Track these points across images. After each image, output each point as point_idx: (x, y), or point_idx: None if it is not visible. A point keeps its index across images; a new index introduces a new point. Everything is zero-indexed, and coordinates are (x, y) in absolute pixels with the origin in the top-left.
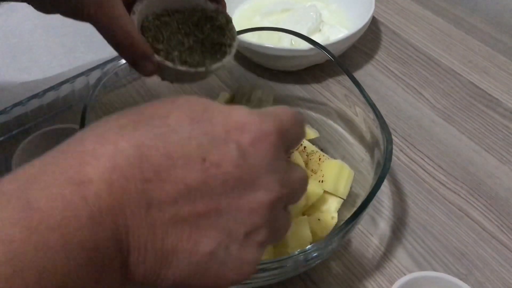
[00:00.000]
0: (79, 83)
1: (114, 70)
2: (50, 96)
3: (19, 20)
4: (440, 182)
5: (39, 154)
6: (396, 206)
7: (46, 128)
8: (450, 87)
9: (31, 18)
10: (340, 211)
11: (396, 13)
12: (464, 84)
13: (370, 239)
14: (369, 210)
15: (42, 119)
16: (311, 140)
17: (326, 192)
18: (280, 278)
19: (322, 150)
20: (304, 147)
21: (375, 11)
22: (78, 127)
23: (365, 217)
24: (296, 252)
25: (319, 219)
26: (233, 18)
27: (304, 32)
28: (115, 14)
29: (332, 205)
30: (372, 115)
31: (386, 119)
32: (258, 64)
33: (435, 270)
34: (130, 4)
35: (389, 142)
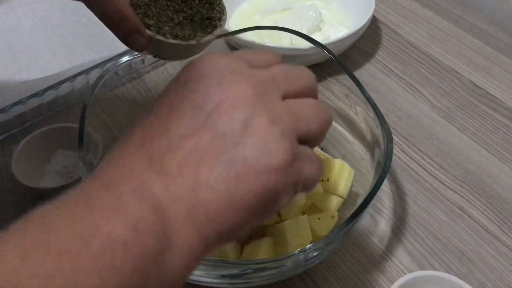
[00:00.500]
0: (79, 82)
1: (114, 69)
2: (49, 95)
3: (19, 19)
4: (441, 181)
5: (39, 153)
6: (396, 205)
7: (45, 127)
8: (450, 86)
9: (31, 17)
10: (340, 210)
11: (396, 12)
12: (465, 83)
13: (371, 238)
14: (369, 209)
15: (42, 118)
16: None
17: (326, 191)
18: (280, 278)
19: (322, 149)
20: None
21: (375, 10)
22: (77, 126)
23: (365, 216)
24: (296, 252)
25: (319, 218)
26: (233, 17)
27: (304, 31)
28: None
29: (332, 204)
30: (372, 114)
31: (386, 118)
32: None
33: (435, 269)
34: None
35: (389, 141)
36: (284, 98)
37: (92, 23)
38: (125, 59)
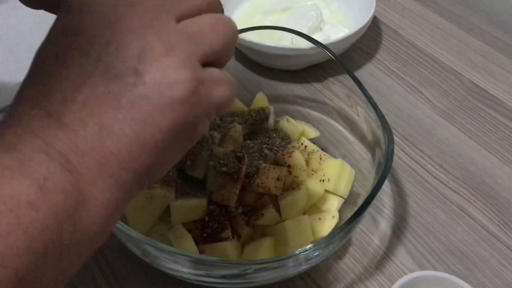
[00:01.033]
0: None
1: None
2: None
3: (20, 19)
4: (441, 182)
5: None
6: (397, 205)
7: None
8: (450, 86)
9: (31, 17)
10: (341, 211)
11: (397, 12)
12: (465, 83)
13: (371, 238)
14: (370, 209)
15: None
16: (312, 140)
17: (327, 191)
18: (281, 278)
19: (323, 149)
20: (305, 146)
21: (376, 10)
22: None
23: (366, 216)
24: (297, 252)
25: (320, 219)
26: (233, 17)
27: (304, 31)
28: None
29: (333, 204)
30: (373, 114)
31: (386, 118)
32: (258, 63)
33: (435, 269)
34: None
35: (390, 141)
36: (179, 20)
37: None
38: None
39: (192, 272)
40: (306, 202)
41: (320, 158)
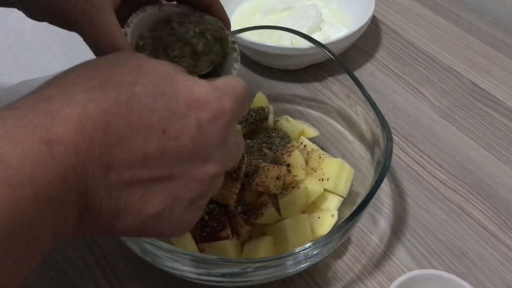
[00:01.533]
0: None
1: None
2: None
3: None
4: (440, 181)
5: None
6: (396, 204)
7: None
8: (450, 86)
9: None
10: (340, 209)
11: (396, 12)
12: (464, 83)
13: (370, 237)
14: (369, 208)
15: None
16: (311, 139)
17: (326, 190)
18: (281, 276)
19: (323, 148)
20: (305, 146)
21: (375, 10)
22: None
23: (365, 215)
24: (297, 250)
25: (319, 217)
26: (233, 17)
27: (304, 31)
28: (102, 24)
29: (332, 203)
30: (372, 113)
31: (386, 118)
32: (258, 62)
33: (434, 268)
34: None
35: (389, 140)
36: None
37: None
38: None
39: (192, 271)
40: (305, 201)
41: (320, 157)
